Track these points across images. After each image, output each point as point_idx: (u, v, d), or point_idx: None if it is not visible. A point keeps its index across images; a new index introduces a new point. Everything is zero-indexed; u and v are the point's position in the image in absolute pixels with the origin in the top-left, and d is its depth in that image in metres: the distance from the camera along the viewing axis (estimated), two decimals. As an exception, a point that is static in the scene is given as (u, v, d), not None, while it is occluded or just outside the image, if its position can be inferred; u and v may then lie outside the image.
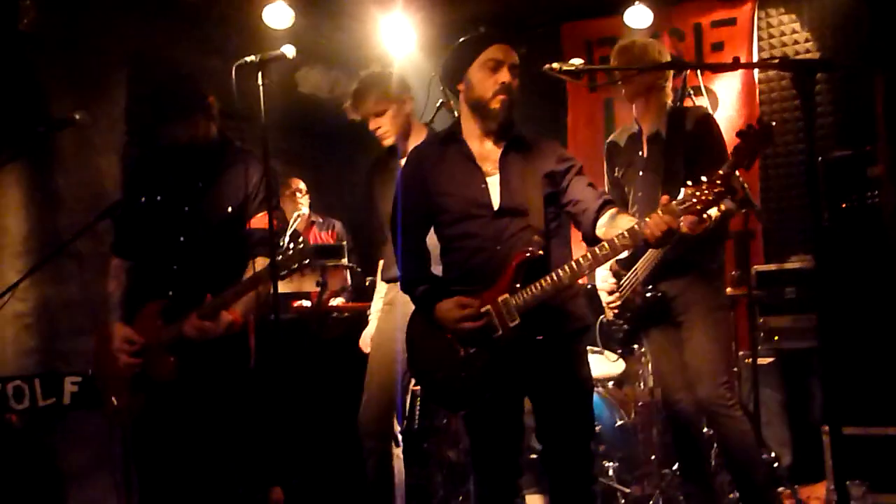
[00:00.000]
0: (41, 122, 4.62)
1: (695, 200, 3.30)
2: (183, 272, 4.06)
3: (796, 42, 7.04)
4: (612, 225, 3.59)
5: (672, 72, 4.82)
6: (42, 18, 5.96)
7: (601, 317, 4.85)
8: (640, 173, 4.69)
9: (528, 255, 3.60)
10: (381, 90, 4.72)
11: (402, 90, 4.74)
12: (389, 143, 4.75)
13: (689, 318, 4.57)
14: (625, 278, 4.68)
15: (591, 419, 3.83)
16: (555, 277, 3.55)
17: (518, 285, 3.59)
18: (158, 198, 4.14)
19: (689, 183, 3.31)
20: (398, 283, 4.61)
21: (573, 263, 3.53)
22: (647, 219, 3.37)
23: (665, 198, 3.40)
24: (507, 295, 3.60)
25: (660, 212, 3.35)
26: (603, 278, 4.79)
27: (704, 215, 3.66)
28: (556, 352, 3.70)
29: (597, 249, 3.50)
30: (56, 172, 6.16)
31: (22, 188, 6.06)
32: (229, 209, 4.06)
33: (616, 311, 4.74)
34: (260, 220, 4.02)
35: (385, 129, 4.71)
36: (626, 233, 3.43)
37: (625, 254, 3.93)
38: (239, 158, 4.16)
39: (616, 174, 4.85)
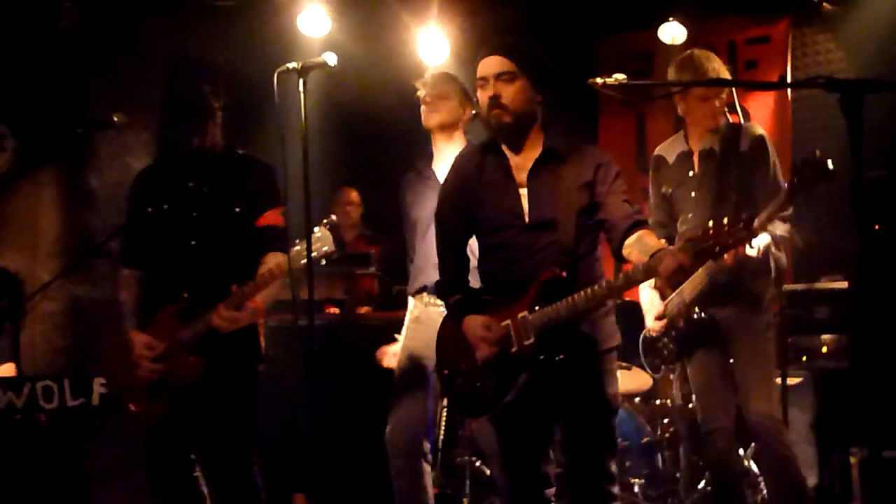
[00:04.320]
0: (80, 123, 4.65)
1: (712, 242, 3.26)
2: (196, 275, 4.13)
3: (831, 62, 7.01)
4: (638, 247, 3.59)
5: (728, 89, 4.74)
6: (82, 20, 5.99)
7: (644, 331, 4.80)
8: (693, 194, 4.60)
9: (551, 275, 3.62)
10: (452, 79, 4.78)
11: (467, 96, 4.73)
12: (430, 124, 4.73)
13: (737, 340, 4.50)
14: (670, 297, 4.63)
15: (612, 438, 3.84)
16: (571, 302, 3.55)
17: (539, 305, 3.60)
18: (165, 206, 4.20)
19: (711, 223, 3.27)
20: (423, 298, 4.69)
21: (590, 290, 3.53)
22: (663, 256, 3.36)
23: (690, 234, 3.38)
24: (525, 312, 3.62)
25: (676, 251, 3.34)
26: (650, 300, 4.73)
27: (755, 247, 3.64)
28: (580, 370, 3.71)
29: (612, 280, 3.52)
30: (90, 173, 6.20)
31: (57, 188, 6.10)
32: (237, 210, 4.14)
33: (660, 331, 4.69)
34: (268, 218, 4.14)
35: (438, 108, 4.71)
36: (641, 266, 3.45)
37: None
38: (243, 162, 4.28)
39: (664, 191, 4.74)
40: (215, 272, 4.09)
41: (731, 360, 4.55)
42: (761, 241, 4.31)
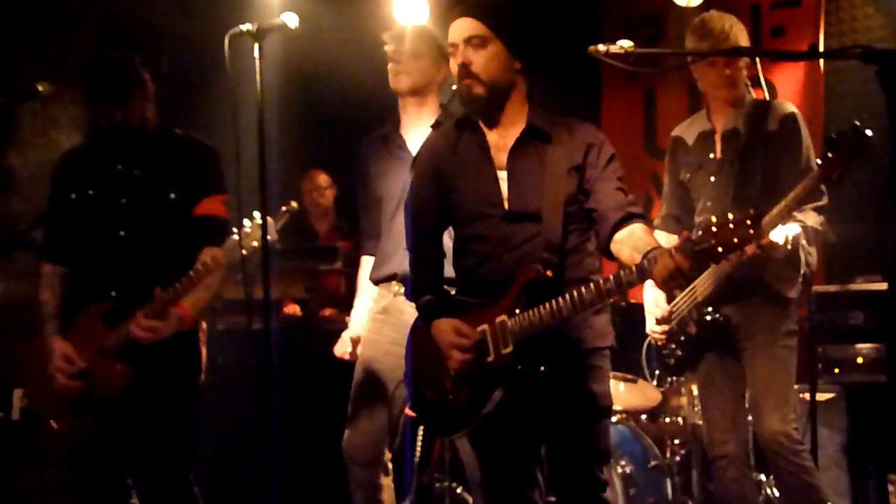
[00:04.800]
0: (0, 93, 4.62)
1: (714, 242, 3.16)
2: (125, 270, 4.13)
3: (869, 29, 7.01)
4: (630, 243, 3.54)
5: (748, 59, 4.74)
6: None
7: (648, 338, 4.79)
8: (712, 178, 4.62)
9: (534, 275, 3.58)
10: (426, 33, 4.72)
11: (444, 55, 4.68)
12: (398, 87, 4.70)
13: (752, 345, 4.52)
14: (680, 297, 4.63)
15: (604, 441, 3.80)
16: (555, 307, 3.50)
17: (519, 308, 3.57)
18: (91, 192, 4.20)
19: (714, 219, 3.22)
20: (392, 287, 4.66)
21: (575, 294, 3.47)
22: (658, 256, 3.28)
23: (685, 233, 3.34)
24: (504, 317, 3.58)
25: (673, 251, 3.25)
26: (654, 301, 4.72)
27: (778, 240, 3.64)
28: (564, 371, 3.66)
29: (601, 281, 3.44)
30: (11, 151, 6.16)
31: (-29, 168, 6.06)
32: (172, 196, 4.15)
33: (665, 337, 4.69)
34: (207, 206, 4.16)
35: (408, 68, 4.67)
36: (634, 268, 3.37)
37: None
38: (180, 142, 4.29)
39: (681, 176, 4.76)
40: (147, 268, 4.09)
41: (745, 369, 4.55)
42: (790, 230, 4.31)
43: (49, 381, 4.12)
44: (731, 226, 3.15)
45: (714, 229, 3.17)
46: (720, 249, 3.16)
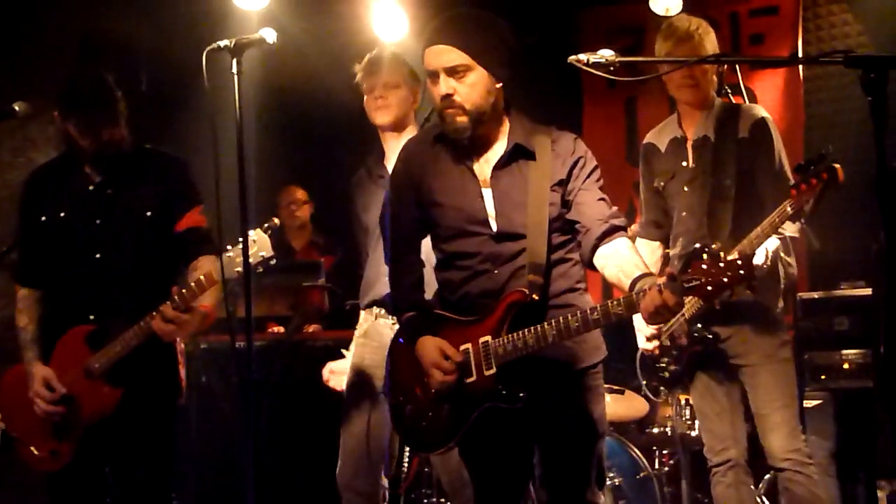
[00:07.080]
0: (-26, 113, 4.57)
1: (703, 280, 3.15)
2: (103, 292, 4.07)
3: (847, 35, 7.05)
4: (614, 261, 3.53)
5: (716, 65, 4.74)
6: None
7: (641, 349, 4.78)
8: (685, 188, 4.61)
9: (520, 297, 3.55)
10: (400, 62, 4.70)
11: (416, 79, 4.68)
12: (383, 122, 4.66)
13: (749, 364, 4.52)
14: None
15: (599, 466, 3.78)
16: (539, 333, 3.48)
17: (504, 330, 3.54)
18: (62, 214, 4.14)
19: (705, 256, 3.19)
20: (373, 311, 4.65)
21: (562, 320, 3.45)
22: (647, 290, 3.27)
23: (669, 270, 3.32)
24: (489, 337, 3.56)
25: (662, 287, 3.23)
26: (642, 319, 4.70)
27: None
28: (558, 390, 3.65)
29: (588, 311, 3.42)
30: (-14, 171, 6.13)
31: (-53, 189, 6.02)
32: (148, 213, 4.10)
33: (658, 350, 4.68)
34: (187, 221, 4.12)
35: (389, 102, 4.62)
36: (622, 300, 3.36)
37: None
38: (152, 159, 4.24)
39: (656, 184, 4.74)
40: (125, 289, 4.04)
41: (745, 386, 4.55)
42: (770, 245, 4.32)
43: (29, 408, 4.06)
44: (721, 265, 3.14)
45: (704, 266, 3.16)
46: (710, 288, 3.16)
